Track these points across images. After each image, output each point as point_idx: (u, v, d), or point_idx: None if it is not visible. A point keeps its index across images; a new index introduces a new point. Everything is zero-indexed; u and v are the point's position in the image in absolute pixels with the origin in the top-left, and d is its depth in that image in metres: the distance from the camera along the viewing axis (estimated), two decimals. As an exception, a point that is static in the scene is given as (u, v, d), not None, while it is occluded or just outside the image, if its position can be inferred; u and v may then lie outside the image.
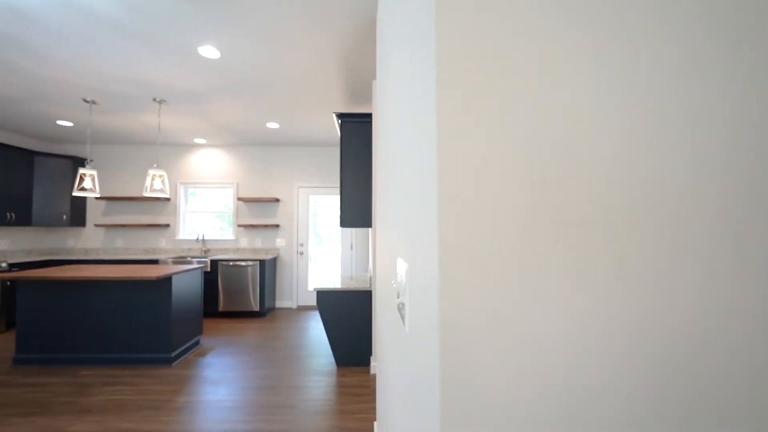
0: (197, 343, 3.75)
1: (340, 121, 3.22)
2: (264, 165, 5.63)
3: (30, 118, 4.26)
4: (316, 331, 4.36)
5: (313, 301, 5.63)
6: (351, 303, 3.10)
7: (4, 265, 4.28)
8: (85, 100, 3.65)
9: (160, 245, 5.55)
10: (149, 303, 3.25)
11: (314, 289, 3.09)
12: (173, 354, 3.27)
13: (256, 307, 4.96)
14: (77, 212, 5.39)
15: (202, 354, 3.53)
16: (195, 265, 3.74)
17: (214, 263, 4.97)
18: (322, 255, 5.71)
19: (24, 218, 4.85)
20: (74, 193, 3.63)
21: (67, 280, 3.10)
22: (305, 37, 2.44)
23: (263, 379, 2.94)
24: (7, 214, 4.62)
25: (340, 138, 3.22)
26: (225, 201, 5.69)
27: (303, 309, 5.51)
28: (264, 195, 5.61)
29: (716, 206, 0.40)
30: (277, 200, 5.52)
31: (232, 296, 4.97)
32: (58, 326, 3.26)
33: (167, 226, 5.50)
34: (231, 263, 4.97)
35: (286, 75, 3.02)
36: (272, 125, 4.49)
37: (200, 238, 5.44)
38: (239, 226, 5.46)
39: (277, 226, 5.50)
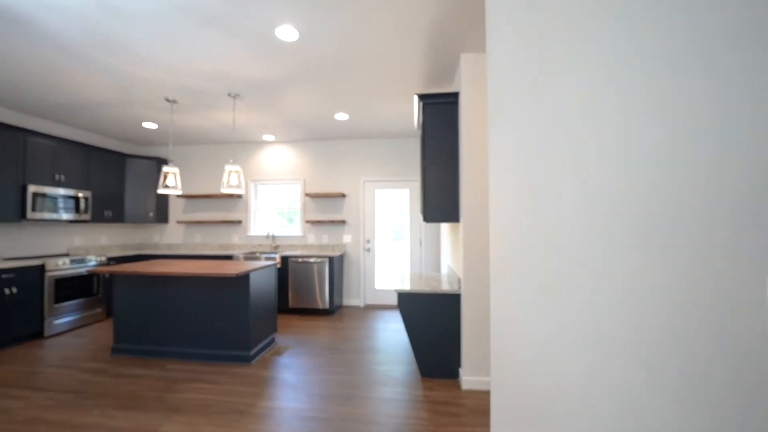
0: (272, 341, 3.69)
1: (421, 104, 2.89)
2: (330, 160, 5.52)
3: (120, 121, 4.53)
4: (389, 333, 4.11)
5: (381, 300, 5.41)
6: (437, 307, 2.77)
7: (103, 258, 4.63)
8: (167, 100, 3.74)
9: (233, 241, 5.71)
10: (229, 300, 3.23)
11: (395, 290, 2.82)
12: (252, 352, 3.21)
13: (324, 305, 4.86)
14: (161, 210, 5.73)
15: (278, 353, 3.45)
16: (269, 262, 3.68)
17: (284, 260, 4.96)
18: (389, 251, 5.47)
19: (118, 216, 5.24)
20: (159, 191, 3.75)
21: (155, 275, 3.17)
22: (389, 8, 2.14)
23: (343, 386, 2.73)
24: (104, 212, 5.02)
25: (422, 123, 2.90)
26: (292, 197, 5.68)
27: (371, 308, 5.32)
28: (330, 190, 5.50)
29: None
30: (343, 195, 5.38)
31: (301, 293, 4.92)
32: (148, 319, 3.37)
33: (239, 222, 5.63)
34: (300, 260, 4.92)
35: (363, 55, 2.76)
36: (341, 116, 4.30)
37: (270, 234, 5.49)
38: (307, 222, 5.41)
39: (344, 221, 5.35)
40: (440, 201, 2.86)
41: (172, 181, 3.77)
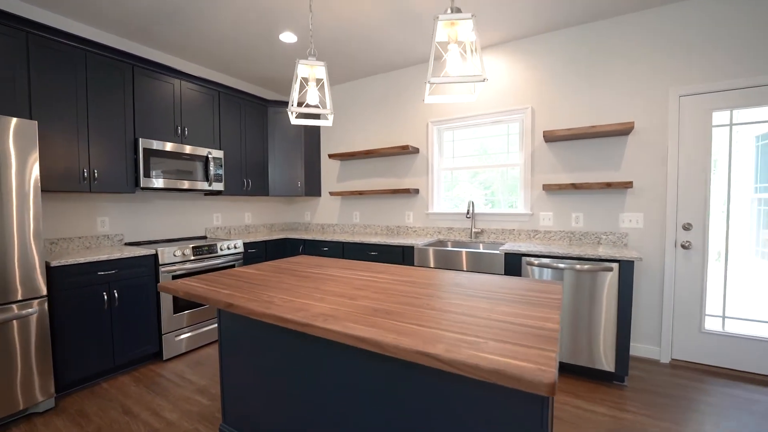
0: (554, 495, 1.38)
1: None
2: (589, 65, 2.79)
3: (250, 37, 2.91)
4: None
5: (717, 356, 2.44)
6: None
7: (239, 244, 3.24)
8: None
9: (406, 221, 3.69)
10: (465, 401, 1.03)
11: None
12: None
13: (602, 362, 2.29)
14: (312, 179, 4.17)
15: None
16: (555, 286, 1.34)
17: (508, 260, 2.58)
18: (739, 252, 2.45)
19: (261, 187, 3.87)
20: (293, 119, 1.83)
21: (296, 329, 1.19)
22: None
23: None
24: (244, 180, 3.67)
25: None
26: (507, 143, 3.23)
27: (687, 370, 2.47)
28: (591, 122, 2.80)
29: None
30: (626, 131, 2.59)
31: (543, 326, 2.47)
32: (277, 398, 1.52)
33: (416, 192, 3.55)
34: (535, 261, 2.46)
35: None
36: None
37: (470, 211, 3.19)
38: (543, 188, 2.89)
39: (626, 185, 2.59)
40: None
41: (314, 97, 1.80)
